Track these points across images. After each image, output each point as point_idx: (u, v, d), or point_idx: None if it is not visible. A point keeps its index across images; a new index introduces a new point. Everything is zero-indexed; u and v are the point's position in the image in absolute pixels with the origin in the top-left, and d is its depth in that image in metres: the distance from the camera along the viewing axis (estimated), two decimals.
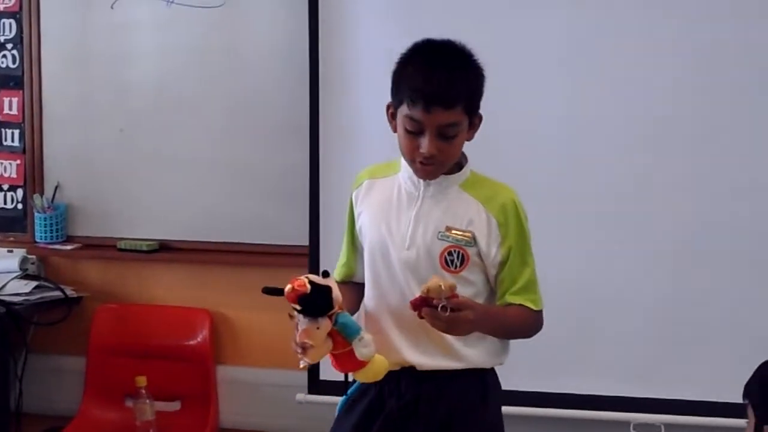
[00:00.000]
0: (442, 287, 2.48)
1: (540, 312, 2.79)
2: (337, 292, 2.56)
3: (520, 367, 3.69)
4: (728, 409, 3.68)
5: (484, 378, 2.82)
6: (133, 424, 4.61)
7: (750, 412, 2.34)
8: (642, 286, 4.10)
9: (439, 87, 2.57)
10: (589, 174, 4.11)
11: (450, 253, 2.69)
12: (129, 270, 4.96)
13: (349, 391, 2.84)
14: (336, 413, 2.89)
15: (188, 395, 4.82)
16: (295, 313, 2.54)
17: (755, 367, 2.37)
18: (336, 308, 2.56)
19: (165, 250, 4.87)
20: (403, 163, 2.76)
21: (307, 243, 4.42)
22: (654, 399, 4.10)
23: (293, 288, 2.48)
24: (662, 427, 3.93)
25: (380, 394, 2.78)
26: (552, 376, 4.18)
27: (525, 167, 4.00)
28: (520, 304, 2.74)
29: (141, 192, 4.88)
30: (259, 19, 4.67)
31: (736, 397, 2.37)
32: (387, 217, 2.77)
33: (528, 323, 2.79)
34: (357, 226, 2.87)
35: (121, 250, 4.87)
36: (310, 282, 2.50)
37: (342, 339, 2.58)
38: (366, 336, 2.59)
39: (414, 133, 2.61)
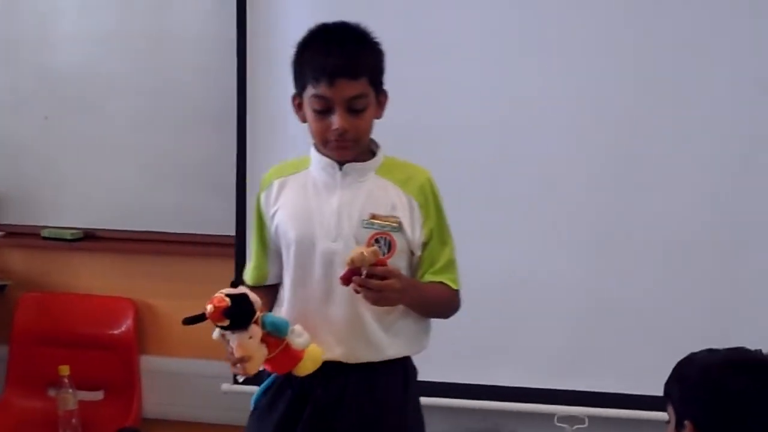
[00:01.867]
0: (365, 254, 2.49)
1: (457, 292, 2.81)
2: (254, 296, 2.56)
3: (444, 358, 3.77)
4: (652, 402, 3.62)
5: (405, 366, 2.84)
6: (56, 414, 4.57)
7: (670, 409, 2.35)
8: (566, 277, 4.12)
9: (341, 59, 2.60)
10: (521, 166, 4.14)
11: (377, 241, 2.69)
12: (53, 258, 4.94)
13: (262, 386, 2.85)
14: (252, 407, 2.90)
15: (111, 385, 4.80)
16: (224, 331, 2.54)
17: (678, 359, 2.39)
18: (258, 312, 2.56)
19: (89, 238, 4.86)
20: (315, 155, 2.77)
21: (233, 233, 4.41)
22: (578, 391, 4.12)
23: (214, 307, 2.47)
24: (586, 420, 3.94)
25: (304, 387, 2.77)
26: (476, 368, 4.20)
27: (456, 159, 4.06)
28: (440, 282, 2.77)
29: (66, 180, 4.85)
30: (185, 4, 4.65)
31: (660, 390, 2.39)
32: (308, 211, 2.76)
33: (447, 301, 2.81)
34: (271, 227, 2.84)
35: (45, 238, 4.85)
36: (227, 295, 2.49)
37: (274, 339, 2.59)
38: (296, 326, 2.61)
39: (323, 112, 2.63)
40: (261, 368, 2.66)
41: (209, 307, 2.47)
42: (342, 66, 2.60)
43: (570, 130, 4.09)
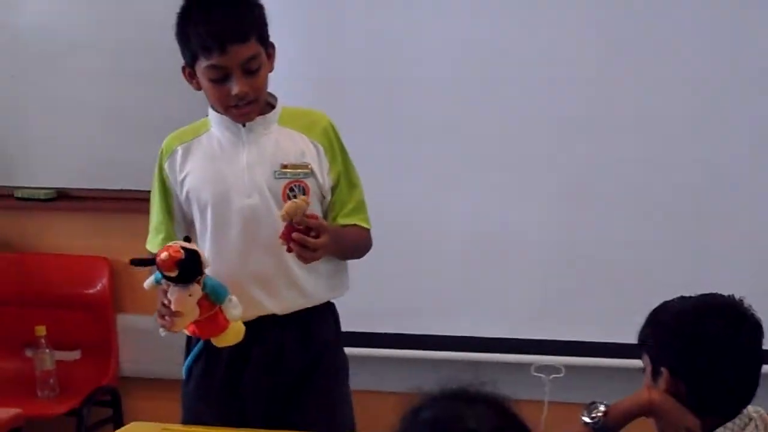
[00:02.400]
0: (299, 202, 2.55)
1: (369, 231, 2.89)
2: (204, 256, 2.59)
3: (421, 310, 4.18)
4: (629, 351, 3.63)
5: (334, 312, 2.94)
6: (33, 374, 4.61)
7: (645, 357, 2.37)
8: (540, 226, 4.15)
9: (227, 24, 2.62)
10: (490, 116, 4.14)
11: (291, 189, 2.74)
12: (27, 219, 4.92)
13: (193, 353, 2.88)
14: (184, 376, 2.94)
15: (88, 344, 4.80)
16: (168, 282, 2.55)
17: (652, 307, 2.43)
18: (204, 274, 2.58)
19: (63, 198, 4.83)
20: (214, 116, 2.80)
21: None
22: (555, 341, 4.17)
23: (169, 255, 2.47)
24: (563, 369, 3.93)
25: (240, 347, 2.78)
26: (450, 319, 4.24)
27: (421, 108, 4.13)
28: (354, 224, 2.85)
29: (37, 140, 4.81)
30: None
31: (635, 338, 2.43)
32: (219, 171, 2.79)
33: (362, 242, 2.89)
34: (181, 194, 2.84)
35: (18, 198, 4.83)
36: (182, 248, 2.51)
37: (208, 303, 2.61)
38: (233, 297, 2.64)
39: (219, 80, 2.66)
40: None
41: (164, 254, 2.47)
42: (229, 31, 2.62)
43: (539, 77, 4.10)
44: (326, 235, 2.63)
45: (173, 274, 2.51)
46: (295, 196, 2.71)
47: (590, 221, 4.13)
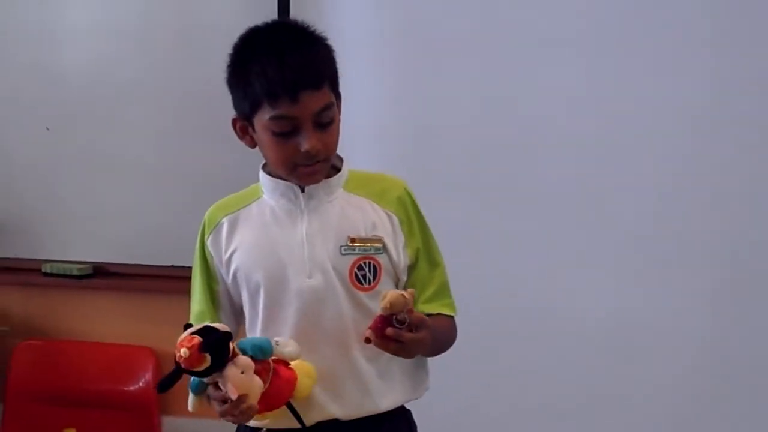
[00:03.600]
0: (406, 297, 2.30)
1: (454, 319, 2.66)
2: (220, 324, 2.36)
3: (535, 415, 3.97)
4: None
5: (409, 420, 2.69)
6: None
7: None
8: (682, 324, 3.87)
9: (300, 69, 2.41)
10: (540, 175, 3.96)
11: (360, 267, 2.51)
12: (57, 299, 4.70)
13: None
14: None
15: None
16: (214, 376, 2.30)
17: None
18: (232, 342, 2.37)
19: (100, 275, 4.65)
20: (266, 181, 2.59)
21: None
22: None
23: (188, 349, 2.25)
24: None
25: None
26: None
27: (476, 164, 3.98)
28: (438, 313, 2.60)
29: (72, 204, 4.63)
30: None
31: None
32: (273, 245, 2.55)
33: (450, 333, 2.65)
34: (227, 275, 2.61)
35: (47, 274, 4.64)
36: (193, 333, 2.30)
37: (261, 364, 2.37)
38: (279, 339, 2.43)
39: (286, 134, 2.42)
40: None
41: (183, 352, 2.26)
42: (302, 76, 2.40)
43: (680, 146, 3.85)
44: (427, 330, 2.36)
45: (208, 363, 2.27)
46: (364, 276, 2.49)
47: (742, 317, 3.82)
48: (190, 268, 4.29)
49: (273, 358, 2.42)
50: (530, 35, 4.00)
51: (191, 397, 2.41)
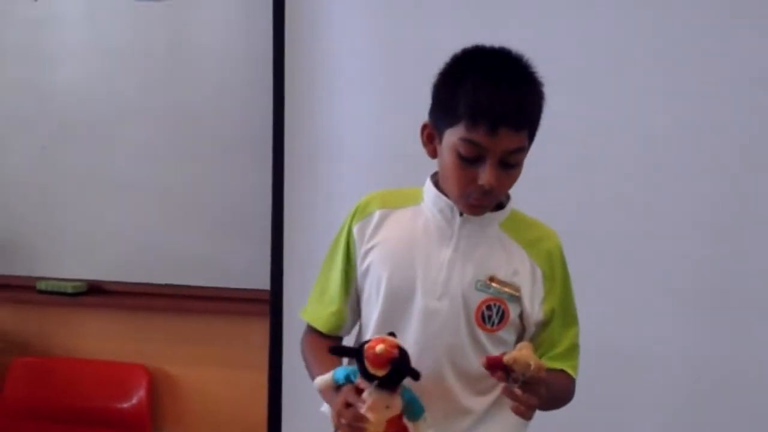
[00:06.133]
0: (532, 366, 2.23)
1: (575, 381, 2.59)
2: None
3: None
4: None
5: None
6: None
7: None
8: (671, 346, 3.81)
9: (509, 106, 2.34)
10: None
11: (489, 308, 2.45)
12: (51, 316, 4.67)
13: None
14: None
15: None
16: (368, 383, 2.30)
17: None
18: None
19: (94, 292, 4.60)
20: (431, 191, 2.52)
21: (267, 287, 4.14)
22: None
23: (386, 349, 2.25)
24: None
25: None
26: None
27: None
28: (561, 370, 2.54)
29: (66, 222, 4.59)
30: (212, 15, 4.39)
31: None
32: (412, 257, 2.50)
33: (567, 394, 2.59)
34: (361, 266, 2.56)
35: (41, 292, 4.60)
36: (399, 346, 2.30)
37: (397, 419, 2.35)
38: (428, 416, 2.40)
39: (470, 160, 2.37)
40: None
41: (380, 347, 2.26)
42: (509, 115, 2.34)
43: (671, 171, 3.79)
44: (544, 387, 2.28)
45: (380, 374, 2.26)
46: (490, 317, 2.44)
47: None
48: (183, 286, 4.42)
49: (409, 423, 2.39)
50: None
51: (329, 376, 2.39)
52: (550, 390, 2.37)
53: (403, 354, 2.29)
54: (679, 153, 3.79)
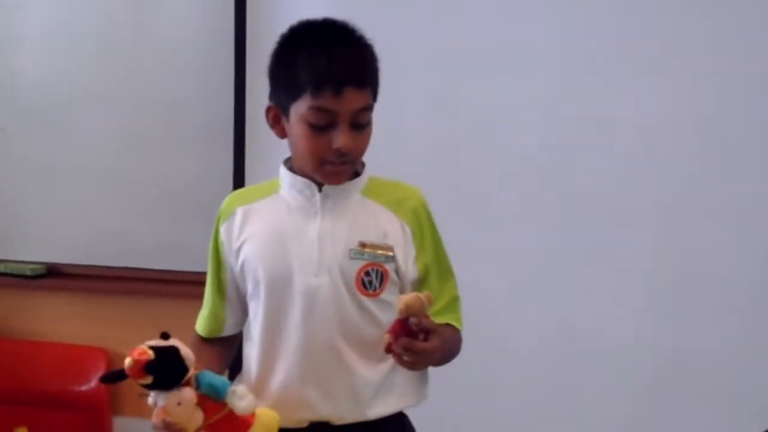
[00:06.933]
0: (422, 299, 2.28)
1: (460, 332, 2.62)
2: (186, 350, 2.34)
3: (492, 423, 3.94)
4: None
5: (402, 422, 2.63)
6: None
7: None
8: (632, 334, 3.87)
9: (348, 66, 2.41)
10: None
11: (367, 273, 2.49)
12: (9, 298, 4.67)
13: None
14: None
15: None
16: (146, 391, 2.33)
17: None
18: (191, 371, 2.34)
19: (53, 275, 4.61)
20: (286, 175, 2.57)
21: None
22: None
23: (134, 360, 2.26)
24: None
25: None
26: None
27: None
28: (446, 323, 2.55)
29: (25, 205, 4.61)
30: (174, 1, 4.39)
31: None
32: (282, 241, 2.53)
33: (456, 344, 2.60)
34: (235, 266, 2.60)
35: (0, 274, 4.61)
36: (151, 347, 2.29)
37: (213, 402, 2.37)
38: (238, 387, 2.41)
39: (321, 128, 2.40)
40: None
41: (127, 360, 2.28)
42: (350, 72, 2.40)
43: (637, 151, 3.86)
44: (438, 338, 2.32)
45: (148, 382, 2.27)
46: (370, 282, 2.47)
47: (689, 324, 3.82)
48: (143, 269, 4.41)
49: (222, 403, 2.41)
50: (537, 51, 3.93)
51: (150, 398, 2.37)
52: (444, 343, 2.42)
53: (161, 352, 2.30)
54: (648, 143, 3.81)
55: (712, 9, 3.74)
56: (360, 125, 2.41)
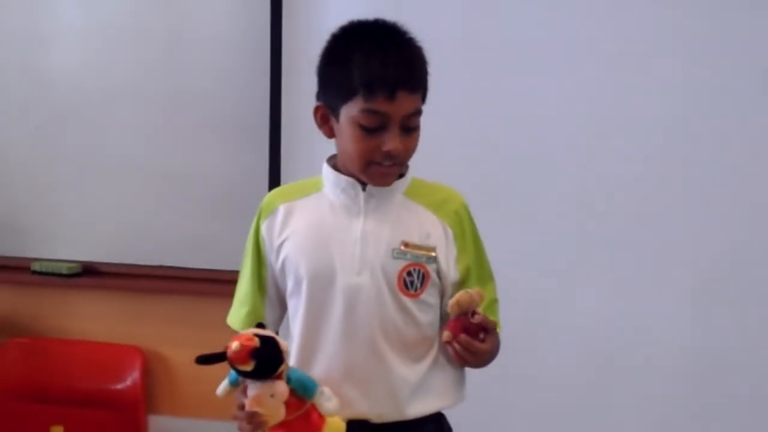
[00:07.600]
0: (473, 296, 2.35)
1: (498, 335, 2.62)
2: (283, 342, 2.37)
3: (524, 421, 3.95)
4: None
5: (441, 423, 2.63)
6: None
7: None
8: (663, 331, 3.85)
9: (402, 69, 2.41)
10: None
11: (409, 273, 2.49)
12: (45, 297, 4.64)
13: None
14: None
15: None
16: (245, 379, 2.35)
17: None
18: (285, 363, 2.37)
19: (89, 273, 4.57)
20: (330, 174, 2.57)
21: None
22: None
23: (241, 345, 2.27)
24: None
25: None
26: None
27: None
28: None
29: (61, 204, 4.57)
30: None
31: None
32: (326, 239, 2.54)
33: (498, 348, 2.60)
34: (276, 263, 2.60)
35: (36, 273, 4.57)
36: (256, 335, 2.32)
37: (296, 400, 2.39)
38: (325, 389, 2.43)
39: (372, 130, 2.41)
40: None
41: (235, 345, 2.28)
42: (404, 76, 2.40)
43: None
44: (492, 339, 2.41)
45: (249, 368, 2.29)
46: (412, 282, 2.48)
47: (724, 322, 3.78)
48: (178, 268, 4.40)
49: (311, 402, 2.42)
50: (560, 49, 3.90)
51: (225, 383, 2.40)
52: (495, 343, 2.49)
53: (265, 341, 2.31)
54: (683, 144, 3.78)
55: (750, 10, 3.69)
56: (410, 128, 2.41)
